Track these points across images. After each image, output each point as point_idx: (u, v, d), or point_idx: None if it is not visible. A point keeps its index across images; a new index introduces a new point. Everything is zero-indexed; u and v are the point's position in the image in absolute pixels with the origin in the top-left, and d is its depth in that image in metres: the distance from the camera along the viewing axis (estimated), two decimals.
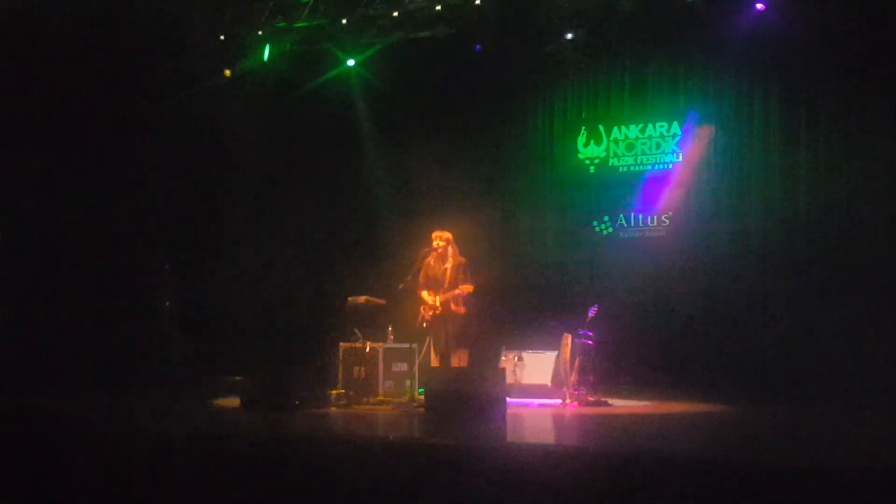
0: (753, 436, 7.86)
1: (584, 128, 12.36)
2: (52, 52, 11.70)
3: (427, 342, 9.76)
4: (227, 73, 12.69)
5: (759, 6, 10.83)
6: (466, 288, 9.51)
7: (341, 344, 10.20)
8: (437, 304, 9.58)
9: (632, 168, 12.07)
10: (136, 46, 11.98)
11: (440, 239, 9.66)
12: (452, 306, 9.61)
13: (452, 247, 9.72)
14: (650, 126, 11.97)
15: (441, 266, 9.70)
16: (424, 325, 9.64)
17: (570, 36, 11.64)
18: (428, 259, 9.70)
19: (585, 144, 12.30)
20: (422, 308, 9.67)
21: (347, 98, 12.74)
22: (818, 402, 9.66)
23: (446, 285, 9.61)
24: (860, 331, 10.10)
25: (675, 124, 11.82)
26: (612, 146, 12.16)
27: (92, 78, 12.16)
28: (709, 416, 9.16)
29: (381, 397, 9.86)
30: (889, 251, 10.39)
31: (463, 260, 9.72)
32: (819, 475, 5.35)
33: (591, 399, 10.00)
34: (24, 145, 12.03)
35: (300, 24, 12.16)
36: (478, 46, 11.96)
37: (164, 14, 11.73)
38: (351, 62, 12.39)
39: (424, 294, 9.65)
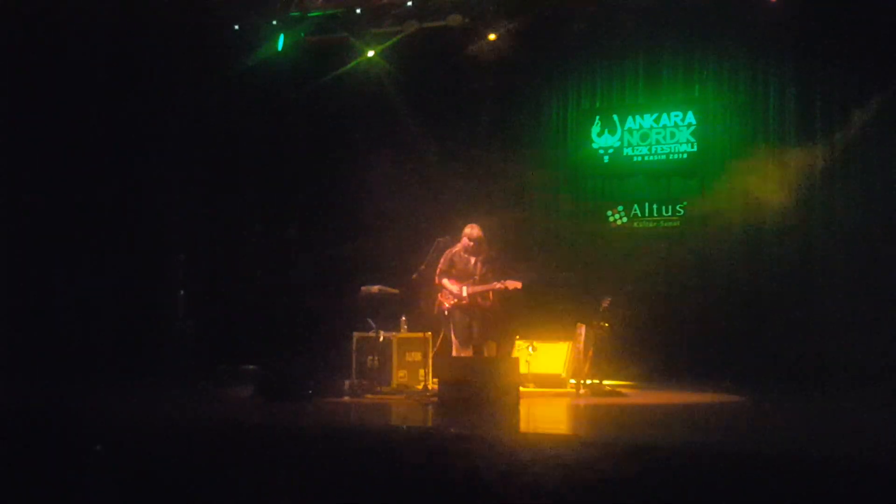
0: (768, 427, 7.84)
1: (598, 117, 12.29)
2: (68, 43, 11.74)
3: (442, 332, 9.78)
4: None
5: None
6: (514, 284, 9.53)
7: (355, 333, 10.22)
8: (465, 295, 9.62)
9: (646, 158, 12.00)
10: (152, 38, 12.00)
11: (472, 234, 9.67)
12: (479, 300, 9.66)
13: (484, 241, 9.75)
14: (665, 115, 11.90)
15: (470, 258, 9.72)
16: (446, 313, 9.67)
17: (580, 25, 11.61)
18: (456, 249, 9.73)
19: (600, 134, 12.25)
20: (439, 295, 9.69)
21: (360, 88, 12.70)
22: (834, 394, 9.63)
23: (477, 278, 9.66)
24: (878, 321, 10.04)
25: (689, 113, 11.76)
26: (627, 136, 12.10)
27: (107, 70, 12.19)
28: (723, 407, 9.14)
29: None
30: None
31: (494, 255, 9.77)
32: (835, 466, 5.33)
33: (604, 389, 10.00)
34: (36, 136, 12.09)
35: (315, 14, 12.14)
36: None
37: (179, 4, 11.74)
38: (371, 53, 12.34)
39: (446, 282, 9.67)
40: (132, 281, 12.44)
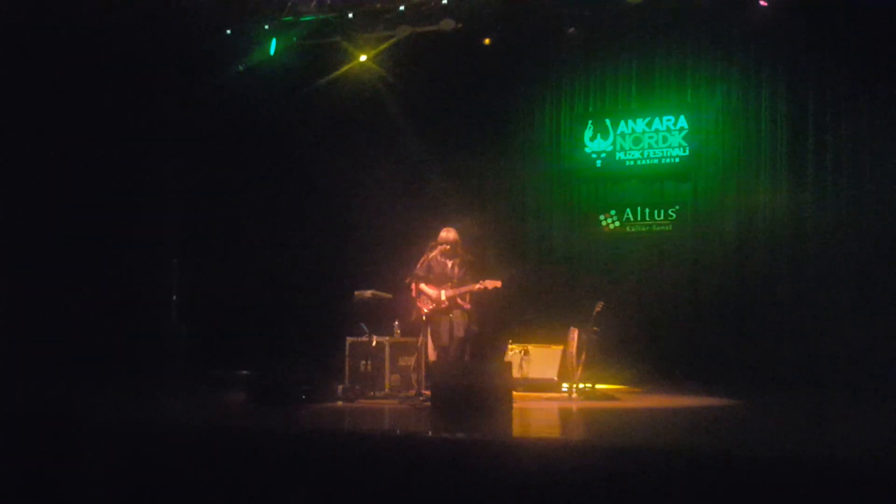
0: (761, 429, 7.86)
1: (590, 122, 12.31)
2: (62, 46, 11.74)
3: (422, 336, 9.77)
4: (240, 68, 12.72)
5: (762, 2, 10.81)
6: (493, 283, 9.51)
7: (348, 338, 10.22)
8: (444, 298, 9.59)
9: (638, 162, 12.03)
10: (145, 40, 11.99)
11: (449, 237, 9.66)
12: (458, 301, 9.63)
13: (460, 244, 9.73)
14: (657, 120, 11.93)
15: (447, 262, 9.71)
16: (424, 318, 9.65)
17: (573, 30, 11.63)
18: (433, 254, 9.70)
19: (592, 138, 12.27)
20: (418, 301, 9.68)
21: (353, 92, 12.71)
22: (826, 395, 9.66)
23: (455, 281, 9.63)
24: (868, 323, 10.07)
25: (682, 118, 11.79)
26: (619, 140, 12.13)
27: (101, 73, 12.18)
28: (716, 410, 9.15)
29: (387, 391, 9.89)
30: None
31: (471, 257, 9.76)
32: (827, 468, 5.35)
33: (597, 393, 10.02)
34: (32, 139, 12.07)
35: (307, 18, 12.15)
36: None
37: (171, 9, 11.73)
38: (363, 58, 12.36)
39: (424, 287, 9.65)
40: (125, 285, 12.42)
